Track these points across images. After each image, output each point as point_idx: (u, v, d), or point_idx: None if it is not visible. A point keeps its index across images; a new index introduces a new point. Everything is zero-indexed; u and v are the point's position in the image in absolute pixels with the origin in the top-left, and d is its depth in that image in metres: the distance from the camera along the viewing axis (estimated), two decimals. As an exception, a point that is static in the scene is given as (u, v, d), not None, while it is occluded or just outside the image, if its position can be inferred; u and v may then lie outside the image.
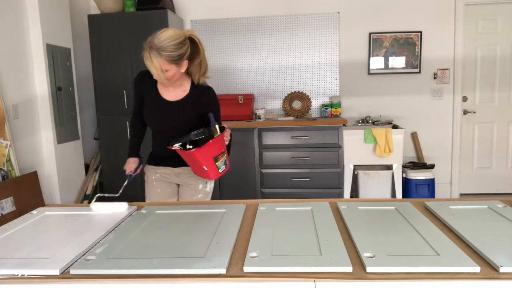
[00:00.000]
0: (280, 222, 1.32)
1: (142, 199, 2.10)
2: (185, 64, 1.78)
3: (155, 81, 1.88)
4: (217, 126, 1.82)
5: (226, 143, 1.84)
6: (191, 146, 1.84)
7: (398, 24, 4.11)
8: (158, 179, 2.04)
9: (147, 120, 1.97)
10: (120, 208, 1.51)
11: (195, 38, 1.78)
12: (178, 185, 2.08)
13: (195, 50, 1.80)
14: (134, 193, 2.24)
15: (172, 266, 1.01)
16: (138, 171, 2.05)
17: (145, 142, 2.11)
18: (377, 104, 4.22)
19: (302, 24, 4.17)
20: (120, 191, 1.86)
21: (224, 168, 1.83)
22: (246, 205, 1.54)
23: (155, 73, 1.73)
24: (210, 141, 1.72)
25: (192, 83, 1.92)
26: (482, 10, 4.07)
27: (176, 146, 1.82)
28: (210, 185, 2.07)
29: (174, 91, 1.90)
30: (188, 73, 1.89)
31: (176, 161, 1.96)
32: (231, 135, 1.88)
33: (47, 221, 1.43)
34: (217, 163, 1.77)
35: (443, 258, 1.00)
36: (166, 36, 1.68)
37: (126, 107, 3.84)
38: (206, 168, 1.76)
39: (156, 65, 1.69)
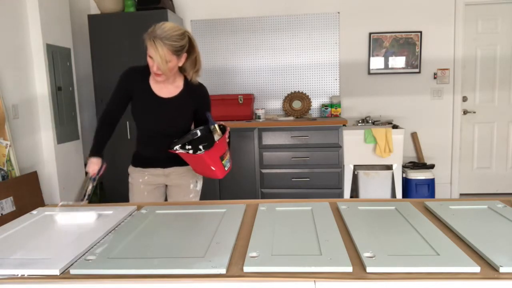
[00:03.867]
0: (280, 222, 1.32)
1: (126, 199, 2.01)
2: (183, 57, 1.78)
3: (147, 78, 1.85)
4: (216, 125, 1.83)
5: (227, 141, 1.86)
6: (190, 147, 1.83)
7: (398, 24, 4.11)
8: (145, 182, 1.97)
9: (139, 118, 1.90)
10: (89, 218, 1.40)
11: (189, 35, 1.78)
12: (166, 185, 2.04)
13: (190, 46, 1.79)
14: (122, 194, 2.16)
15: (172, 266, 1.01)
16: (101, 172, 1.92)
17: (130, 143, 1.99)
18: (377, 104, 4.22)
19: (302, 24, 4.17)
20: (86, 197, 1.79)
21: (229, 165, 1.85)
22: (246, 205, 1.54)
23: (160, 62, 1.69)
24: (217, 141, 1.74)
25: (185, 80, 1.90)
26: (482, 10, 4.06)
27: (177, 148, 1.81)
28: (199, 184, 2.05)
29: (166, 87, 1.86)
30: (181, 69, 1.86)
31: (166, 161, 1.93)
32: (229, 132, 1.88)
33: (47, 221, 1.43)
34: (223, 162, 1.80)
35: (443, 258, 1.00)
36: (169, 27, 1.69)
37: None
38: (214, 168, 1.78)
39: (161, 53, 1.67)
